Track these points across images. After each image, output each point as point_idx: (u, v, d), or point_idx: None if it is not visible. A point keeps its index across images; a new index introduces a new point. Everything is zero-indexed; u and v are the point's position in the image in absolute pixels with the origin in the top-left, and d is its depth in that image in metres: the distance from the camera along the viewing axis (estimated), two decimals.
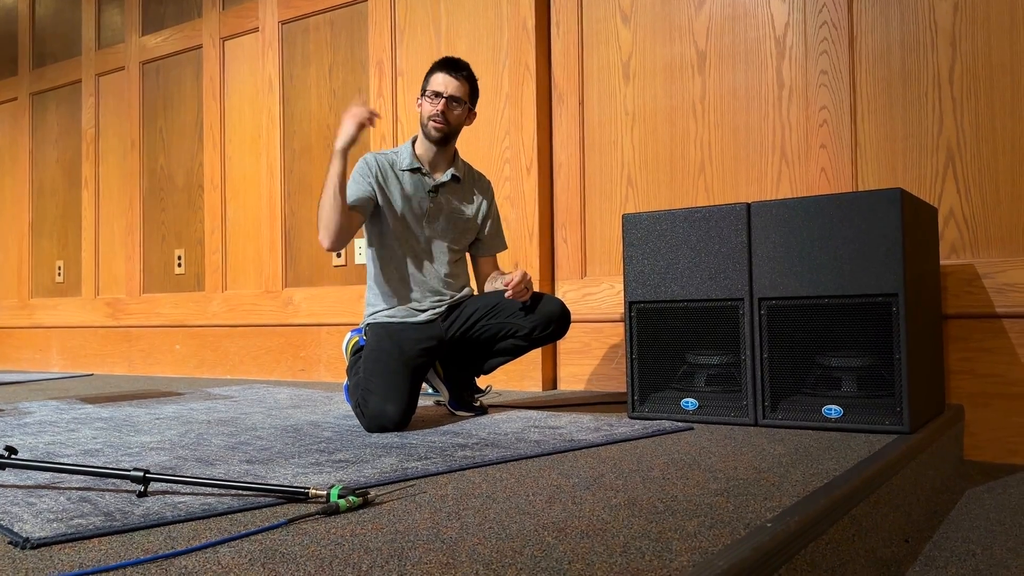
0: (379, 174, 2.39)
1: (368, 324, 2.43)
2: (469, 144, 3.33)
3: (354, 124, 2.21)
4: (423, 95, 2.41)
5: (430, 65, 2.45)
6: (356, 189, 2.36)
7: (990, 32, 2.46)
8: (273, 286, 4.11)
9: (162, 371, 4.57)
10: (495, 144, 3.34)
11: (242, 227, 4.27)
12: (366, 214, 2.37)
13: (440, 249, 2.44)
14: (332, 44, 3.95)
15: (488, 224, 2.55)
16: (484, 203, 2.53)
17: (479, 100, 2.51)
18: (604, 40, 3.19)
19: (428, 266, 2.42)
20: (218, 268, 4.34)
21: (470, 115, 2.45)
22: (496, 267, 2.60)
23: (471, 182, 2.53)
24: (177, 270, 4.55)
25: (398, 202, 2.40)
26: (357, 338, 2.46)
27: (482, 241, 2.56)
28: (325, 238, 2.28)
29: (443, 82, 2.37)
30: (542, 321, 2.34)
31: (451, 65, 2.40)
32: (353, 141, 2.22)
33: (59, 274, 5.17)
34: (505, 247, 2.64)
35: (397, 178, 2.41)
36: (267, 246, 4.14)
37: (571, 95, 3.25)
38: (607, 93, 3.18)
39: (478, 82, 2.47)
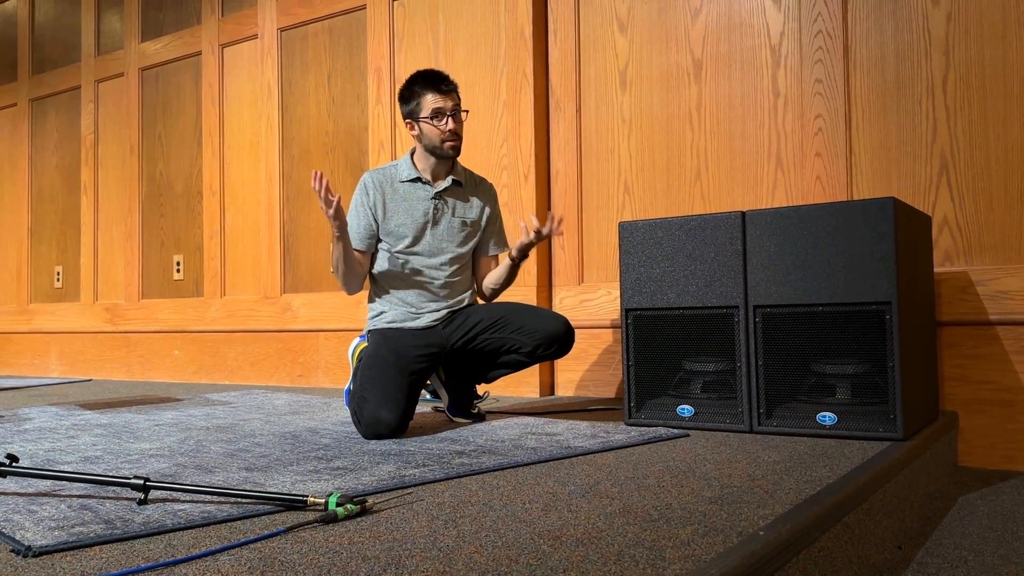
0: (377, 196, 2.42)
1: (369, 330, 2.44)
2: (467, 151, 3.33)
3: (331, 213, 2.19)
4: (418, 119, 2.39)
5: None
6: (356, 228, 2.41)
7: (983, 41, 2.48)
8: (271, 292, 4.12)
9: (160, 377, 4.58)
10: (493, 151, 3.36)
11: (241, 233, 4.29)
12: (371, 250, 2.45)
13: (442, 257, 2.44)
14: (331, 51, 3.97)
15: (492, 223, 2.55)
16: (487, 205, 2.54)
17: (478, 107, 2.53)
18: (601, 48, 3.21)
19: (429, 273, 2.43)
20: (217, 274, 4.35)
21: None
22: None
23: (472, 186, 2.54)
24: (176, 276, 4.56)
25: (400, 214, 2.42)
26: (364, 344, 2.47)
27: (483, 242, 2.55)
28: (345, 292, 2.44)
29: (440, 101, 2.36)
30: (545, 340, 2.34)
31: (440, 81, 2.38)
32: (341, 222, 2.22)
33: (58, 279, 5.18)
34: (507, 246, 2.59)
35: (397, 191, 2.43)
36: (265, 252, 4.15)
37: (568, 103, 3.27)
38: (604, 101, 3.20)
39: (477, 89, 2.49)
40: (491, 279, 2.54)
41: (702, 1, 2.98)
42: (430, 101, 2.37)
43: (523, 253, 2.41)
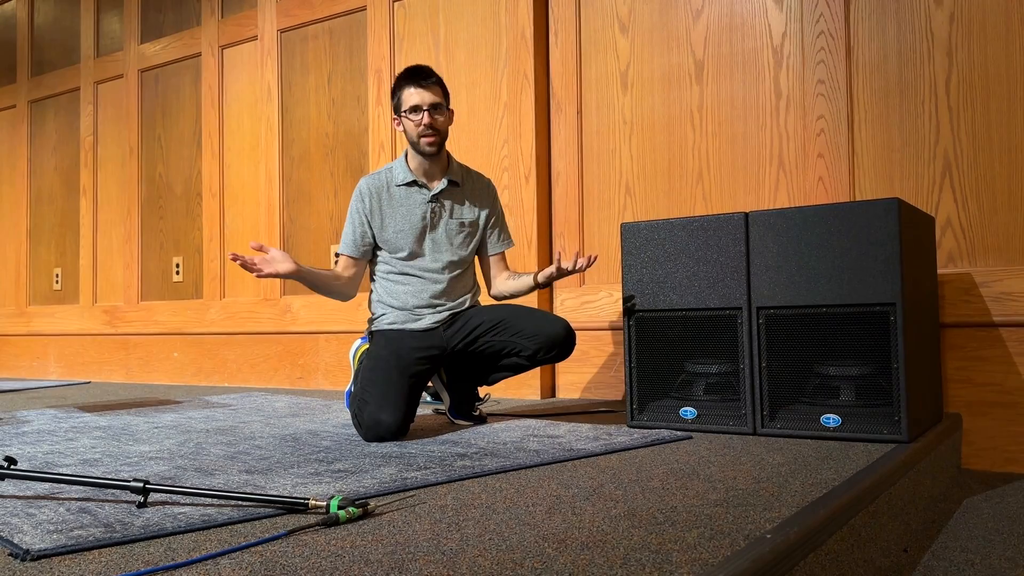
0: (373, 203, 2.40)
1: (370, 332, 2.43)
2: (468, 152, 3.34)
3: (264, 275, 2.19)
4: (399, 114, 2.37)
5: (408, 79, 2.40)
6: (351, 235, 2.41)
7: (986, 43, 2.47)
8: (271, 294, 4.11)
9: (160, 379, 4.56)
10: (493, 152, 3.35)
11: (240, 235, 4.27)
12: (368, 256, 2.44)
13: (442, 261, 2.42)
14: (331, 53, 3.96)
15: (492, 222, 2.52)
16: (485, 204, 2.51)
17: (478, 109, 2.51)
18: (602, 49, 3.20)
19: (430, 277, 2.41)
20: (216, 276, 4.34)
21: (450, 115, 2.43)
22: (506, 266, 2.56)
23: (470, 184, 2.50)
24: (175, 278, 4.55)
25: (397, 219, 2.40)
26: (366, 346, 2.45)
27: (485, 242, 2.52)
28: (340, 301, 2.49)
29: (418, 95, 2.33)
30: (546, 343, 2.32)
31: (418, 75, 2.35)
32: (281, 273, 2.20)
33: (57, 282, 5.16)
34: (511, 243, 2.58)
35: (393, 196, 2.41)
36: None
37: (569, 104, 3.26)
38: (605, 102, 3.19)
39: (477, 90, 2.47)
40: (507, 288, 2.50)
41: (703, 2, 2.98)
42: (408, 95, 2.34)
43: (548, 281, 2.40)
